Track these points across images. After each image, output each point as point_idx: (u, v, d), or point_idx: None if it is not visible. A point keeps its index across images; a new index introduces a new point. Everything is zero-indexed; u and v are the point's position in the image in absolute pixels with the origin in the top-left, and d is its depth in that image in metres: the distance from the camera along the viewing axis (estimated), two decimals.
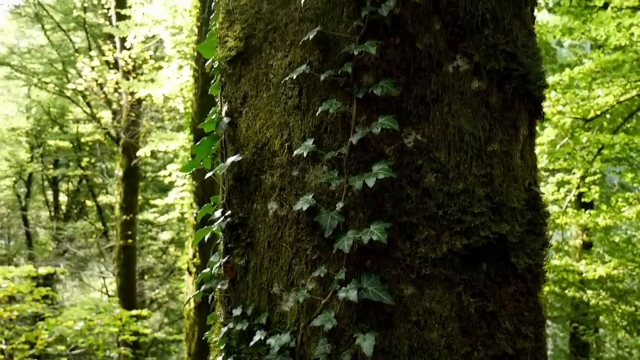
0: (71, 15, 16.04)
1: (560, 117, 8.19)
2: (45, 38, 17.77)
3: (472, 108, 1.48)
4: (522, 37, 1.57)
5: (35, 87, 18.13)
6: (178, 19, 10.65)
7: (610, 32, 7.56)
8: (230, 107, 1.66)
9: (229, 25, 1.66)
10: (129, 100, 12.34)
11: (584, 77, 8.09)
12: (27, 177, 20.41)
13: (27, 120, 19.79)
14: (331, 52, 1.48)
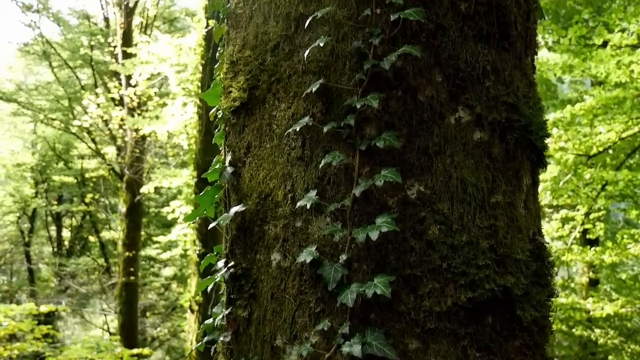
0: (78, 53, 16.31)
1: (562, 154, 8.21)
2: (52, 75, 18.03)
3: (474, 159, 1.48)
4: (523, 88, 1.58)
5: (42, 123, 18.31)
6: (183, 57, 10.81)
7: (610, 70, 7.63)
8: (234, 156, 1.66)
9: (233, 75, 1.68)
10: (134, 137, 12.44)
11: (585, 113, 8.14)
12: (31, 212, 20.44)
13: (32, 156, 19.94)
14: (334, 104, 1.49)
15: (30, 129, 20.55)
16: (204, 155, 9.26)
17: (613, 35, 7.09)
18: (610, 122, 7.81)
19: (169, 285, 17.88)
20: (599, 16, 12.42)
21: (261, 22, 1.62)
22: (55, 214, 19.74)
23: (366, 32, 1.48)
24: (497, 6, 1.54)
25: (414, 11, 1.42)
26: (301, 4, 1.55)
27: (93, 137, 15.81)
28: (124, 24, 13.04)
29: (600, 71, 7.54)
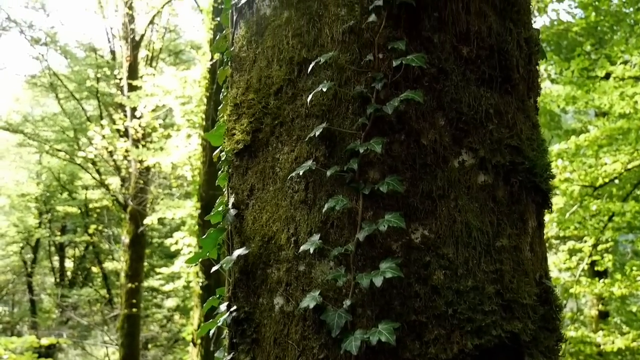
0: (84, 85, 16.49)
1: (568, 185, 8.18)
2: (58, 106, 18.21)
3: (479, 203, 1.47)
4: (527, 130, 1.58)
5: (47, 154, 18.42)
6: (188, 89, 10.92)
7: (614, 101, 7.66)
8: (237, 199, 1.66)
9: (237, 118, 1.69)
10: (138, 168, 12.48)
11: (590, 144, 8.14)
12: (34, 242, 20.41)
13: (37, 186, 20.01)
14: (337, 147, 1.49)
15: (35, 159, 20.67)
16: (208, 186, 9.27)
17: (616, 68, 7.14)
18: (616, 153, 7.80)
19: (171, 316, 17.72)
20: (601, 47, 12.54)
21: (264, 65, 1.63)
22: (58, 244, 19.71)
23: (369, 76, 1.48)
24: (499, 50, 1.55)
25: (416, 57, 1.43)
26: (304, 49, 1.56)
27: (98, 168, 15.88)
28: (130, 56, 13.21)
29: (603, 102, 7.57)
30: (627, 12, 10.12)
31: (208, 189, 9.25)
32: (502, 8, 1.59)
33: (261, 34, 1.67)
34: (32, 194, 20.02)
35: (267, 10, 1.66)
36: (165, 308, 17.53)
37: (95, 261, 18.75)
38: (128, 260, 12.67)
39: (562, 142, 9.05)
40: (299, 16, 1.59)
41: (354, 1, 1.54)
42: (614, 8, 10.08)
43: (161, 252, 18.02)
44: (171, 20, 16.33)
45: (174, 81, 10.67)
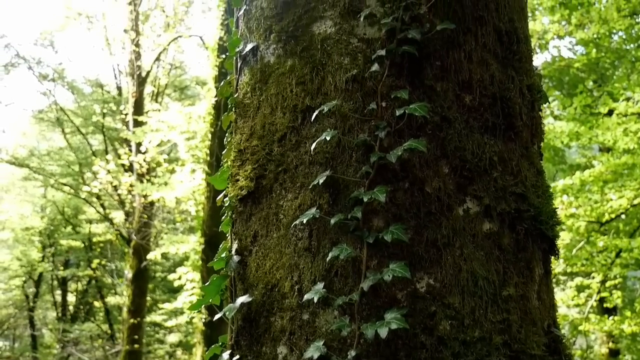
0: (90, 120, 16.66)
1: (574, 221, 8.14)
2: (64, 141, 18.36)
3: (484, 251, 1.46)
4: (531, 177, 1.58)
5: (52, 188, 18.49)
6: (192, 125, 11.01)
7: (617, 137, 7.68)
8: (241, 245, 1.65)
9: (241, 164, 1.69)
10: (142, 202, 12.50)
11: (595, 180, 8.13)
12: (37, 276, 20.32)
13: (41, 220, 20.02)
14: (341, 195, 1.49)
15: (40, 193, 20.74)
16: (212, 222, 9.26)
17: (618, 104, 7.18)
18: (621, 189, 7.78)
19: (174, 352, 17.49)
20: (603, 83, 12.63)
21: (268, 112, 1.64)
22: (61, 278, 19.61)
23: (372, 124, 1.49)
24: (502, 98, 1.56)
25: (418, 106, 1.43)
26: (308, 97, 1.57)
27: (102, 202, 15.90)
28: (135, 92, 13.38)
29: (607, 138, 7.59)
30: (627, 49, 10.23)
31: (212, 224, 9.23)
32: (504, 56, 1.61)
33: (265, 82, 1.68)
34: (36, 227, 20.03)
35: (271, 58, 1.68)
36: (168, 344, 17.31)
37: (98, 296, 18.62)
38: (130, 295, 12.58)
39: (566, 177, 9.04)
40: (303, 65, 1.60)
41: (357, 50, 1.56)
42: (614, 45, 10.20)
43: (164, 287, 17.90)
44: (177, 56, 16.58)
45: (179, 117, 10.77)
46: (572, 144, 9.70)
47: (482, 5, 1.61)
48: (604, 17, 8.81)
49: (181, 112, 10.76)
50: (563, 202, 8.34)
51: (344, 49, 1.57)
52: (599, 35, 9.30)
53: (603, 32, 8.96)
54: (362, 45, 1.56)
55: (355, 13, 1.58)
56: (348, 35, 1.57)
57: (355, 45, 1.56)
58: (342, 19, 1.59)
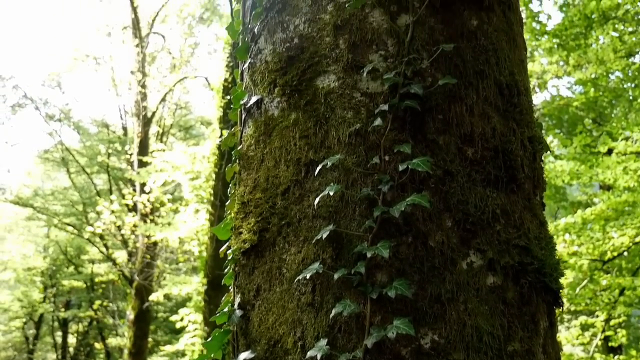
0: (95, 160, 16.78)
1: (576, 259, 8.09)
2: (69, 181, 18.45)
3: (488, 305, 1.45)
4: (534, 229, 1.58)
5: (55, 228, 18.49)
6: (197, 165, 11.08)
7: (617, 175, 7.70)
8: (243, 299, 1.64)
9: (244, 216, 1.70)
10: (145, 242, 12.47)
11: (596, 218, 8.11)
12: (37, 317, 20.12)
13: (43, 260, 19.95)
14: (344, 249, 1.49)
15: (43, 233, 20.73)
16: (215, 262, 9.22)
17: (617, 143, 7.23)
18: (623, 227, 7.75)
19: None
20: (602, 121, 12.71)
21: (272, 165, 1.66)
22: (62, 319, 19.41)
23: (375, 178, 1.50)
24: (504, 151, 1.58)
25: (421, 161, 1.45)
26: (311, 151, 1.59)
27: (105, 242, 15.87)
28: (141, 133, 13.51)
29: (607, 177, 7.61)
30: (625, 88, 10.35)
31: (215, 265, 9.19)
32: (505, 109, 1.63)
33: (269, 134, 1.70)
34: (38, 267, 19.93)
35: (275, 111, 1.71)
36: None
37: (99, 337, 18.39)
38: (132, 337, 12.43)
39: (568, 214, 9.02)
40: (306, 118, 1.63)
41: (360, 104, 1.58)
42: (612, 84, 10.32)
43: (166, 327, 17.69)
44: (182, 97, 16.81)
45: (183, 157, 10.85)
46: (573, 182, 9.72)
47: (483, 60, 1.64)
48: (601, 57, 8.94)
49: (186, 152, 10.85)
50: (565, 240, 8.31)
51: (347, 103, 1.59)
52: (597, 75, 9.42)
53: (600, 72, 9.08)
54: (365, 100, 1.58)
55: (358, 68, 1.61)
56: (351, 89, 1.60)
57: (359, 99, 1.59)
58: (346, 73, 1.62)
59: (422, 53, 1.59)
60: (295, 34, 1.71)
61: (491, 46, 1.67)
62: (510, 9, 1.78)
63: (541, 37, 9.62)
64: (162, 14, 16.30)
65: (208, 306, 9.44)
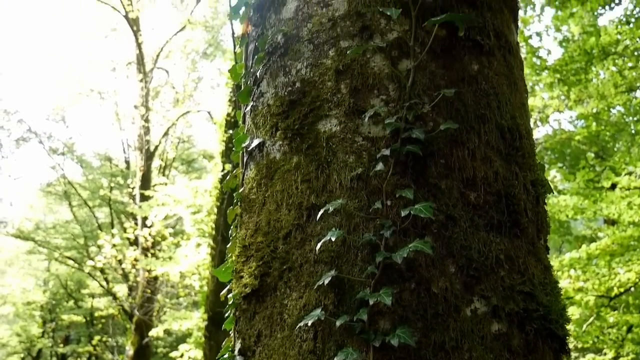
0: (98, 193, 16.80)
1: (582, 295, 7.99)
2: (71, 214, 18.44)
3: (494, 353, 1.42)
4: (539, 274, 1.56)
5: (56, 261, 18.41)
6: (199, 199, 11.07)
7: (622, 210, 7.68)
8: (244, 344, 1.61)
9: (245, 260, 1.68)
10: (146, 277, 12.39)
11: (601, 253, 8.05)
12: (36, 353, 19.86)
13: (43, 294, 19.79)
14: (346, 295, 1.47)
15: (44, 266, 20.63)
16: (216, 297, 9.13)
17: (621, 179, 7.22)
18: (628, 263, 7.68)
19: None
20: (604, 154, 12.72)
21: (274, 209, 1.65)
22: (60, 355, 19.15)
23: (377, 223, 1.49)
24: (507, 195, 1.57)
25: (423, 207, 1.44)
26: (313, 195, 1.59)
27: (106, 276, 15.77)
28: (143, 166, 13.56)
29: (612, 212, 7.58)
30: (627, 122, 10.40)
31: (216, 300, 9.10)
32: (507, 153, 1.63)
33: (271, 177, 1.70)
34: (37, 302, 19.76)
35: (277, 154, 1.71)
36: None
37: None
38: None
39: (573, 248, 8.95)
40: (308, 162, 1.63)
41: (361, 148, 1.58)
42: (614, 118, 10.38)
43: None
44: (185, 131, 16.92)
45: (185, 191, 10.85)
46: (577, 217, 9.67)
47: (484, 104, 1.64)
48: (602, 92, 9.02)
49: (188, 186, 10.87)
50: (571, 276, 8.23)
51: (349, 147, 1.59)
52: (598, 110, 9.48)
53: (602, 107, 9.14)
54: (366, 144, 1.58)
55: (359, 112, 1.61)
56: (353, 133, 1.60)
57: (360, 143, 1.59)
58: (347, 117, 1.62)
59: (424, 97, 1.60)
60: (297, 78, 1.72)
61: (492, 90, 1.68)
62: (510, 53, 1.80)
63: (542, 72, 9.72)
64: (166, 49, 16.54)
65: (208, 342, 9.32)
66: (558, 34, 12.00)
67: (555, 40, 10.54)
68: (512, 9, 1.90)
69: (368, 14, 1.69)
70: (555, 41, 10.53)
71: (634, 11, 9.03)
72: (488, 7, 1.77)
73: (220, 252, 9.53)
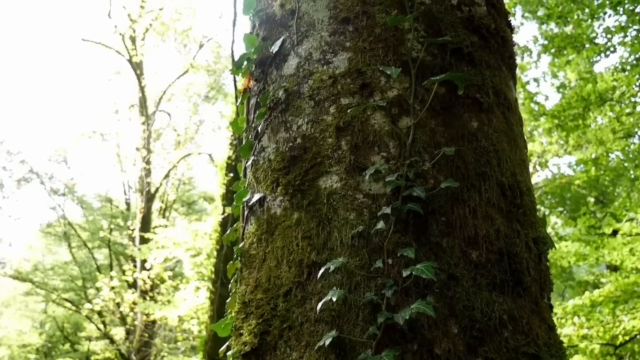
0: (97, 235, 16.74)
1: (587, 344, 7.86)
2: (70, 255, 18.33)
3: None
4: (543, 335, 1.53)
5: (53, 303, 18.19)
6: (198, 242, 11.02)
7: (624, 257, 7.63)
8: None
9: (245, 317, 1.66)
10: (144, 320, 12.21)
11: (605, 300, 7.96)
12: None
13: (39, 337, 19.49)
14: (347, 356, 1.44)
15: (41, 308, 20.37)
16: (214, 342, 8.98)
17: (622, 225, 7.21)
18: (633, 311, 7.58)
19: None
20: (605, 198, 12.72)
21: (274, 265, 1.64)
22: None
23: (379, 282, 1.48)
24: (508, 254, 1.56)
25: (425, 267, 1.43)
26: (313, 252, 1.58)
27: (103, 319, 15.55)
28: (144, 208, 13.55)
29: (614, 258, 7.53)
30: (626, 167, 10.44)
31: (214, 345, 8.95)
32: (509, 210, 1.63)
33: (271, 233, 1.69)
34: (33, 344, 19.45)
35: (277, 210, 1.71)
36: None
37: None
38: None
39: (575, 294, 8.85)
40: (309, 218, 1.62)
41: (362, 206, 1.58)
42: (613, 164, 10.42)
43: None
44: (186, 173, 16.98)
45: (185, 234, 10.82)
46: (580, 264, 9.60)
47: (485, 161, 1.65)
48: (600, 138, 9.09)
49: (188, 229, 10.84)
50: (575, 323, 8.11)
51: (349, 204, 1.59)
52: (597, 155, 9.54)
53: (600, 152, 9.19)
54: (367, 201, 1.58)
55: (360, 169, 1.62)
56: (354, 190, 1.61)
57: (361, 200, 1.59)
58: (348, 174, 1.63)
59: (424, 155, 1.61)
60: (298, 134, 1.74)
61: (492, 147, 1.69)
62: (509, 110, 1.82)
63: (540, 117, 9.81)
64: (168, 92, 16.77)
65: None
66: (555, 80, 12.19)
67: (553, 86, 10.68)
68: (510, 66, 1.93)
69: (368, 72, 1.72)
70: (553, 87, 10.67)
71: (629, 59, 9.19)
72: (487, 65, 1.80)
73: (220, 296, 9.43)
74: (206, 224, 10.88)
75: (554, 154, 10.36)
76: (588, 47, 9.24)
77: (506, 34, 1.94)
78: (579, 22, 9.10)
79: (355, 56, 1.75)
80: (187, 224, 11.46)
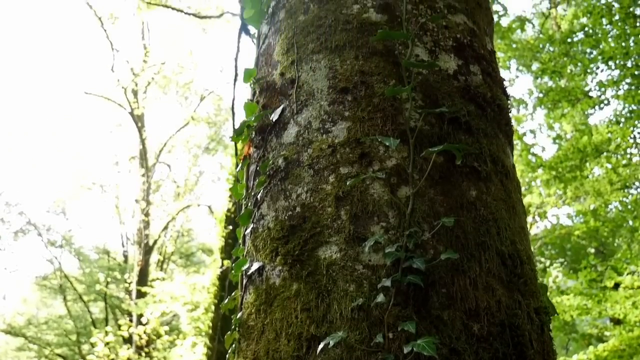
0: (94, 288, 16.53)
1: None
2: (65, 308, 18.03)
3: None
4: None
5: (46, 359, 17.77)
6: (196, 295, 10.88)
7: (627, 310, 7.53)
8: None
9: None
10: None
11: (609, 355, 7.81)
12: None
13: None
14: None
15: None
16: None
17: (624, 278, 7.15)
18: None
19: None
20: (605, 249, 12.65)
21: (272, 338, 1.61)
22: None
23: (379, 357, 1.45)
24: (510, 325, 1.54)
25: (426, 343, 1.41)
26: (313, 325, 1.55)
27: None
28: (142, 261, 13.44)
29: (617, 312, 7.44)
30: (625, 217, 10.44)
31: None
32: (509, 280, 1.62)
33: (270, 304, 1.67)
34: None
35: (276, 280, 1.70)
36: None
37: None
38: None
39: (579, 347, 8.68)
40: (308, 290, 1.61)
41: (362, 277, 1.57)
42: (611, 214, 10.42)
43: None
44: (185, 224, 16.93)
45: (183, 287, 10.69)
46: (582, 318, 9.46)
47: (484, 230, 1.65)
48: (598, 189, 9.12)
49: (185, 282, 10.72)
50: None
51: (349, 275, 1.58)
52: (596, 206, 9.55)
53: (599, 203, 9.21)
54: (367, 272, 1.57)
55: (360, 240, 1.61)
56: (353, 261, 1.60)
57: (361, 271, 1.58)
58: (347, 245, 1.62)
59: (423, 225, 1.61)
60: (298, 203, 1.74)
61: (491, 216, 1.69)
62: (507, 177, 1.83)
63: (537, 169, 9.88)
64: (169, 144, 16.92)
65: None
66: (551, 131, 12.34)
67: (549, 137, 10.80)
68: (506, 133, 1.96)
69: (367, 141, 1.74)
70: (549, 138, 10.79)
71: (623, 111, 9.33)
72: (484, 134, 1.83)
73: (217, 352, 9.24)
74: (204, 277, 10.77)
75: (553, 205, 10.38)
76: (582, 100, 9.40)
77: (502, 102, 1.97)
78: (572, 76, 9.29)
79: (354, 125, 1.77)
80: (185, 277, 11.35)
